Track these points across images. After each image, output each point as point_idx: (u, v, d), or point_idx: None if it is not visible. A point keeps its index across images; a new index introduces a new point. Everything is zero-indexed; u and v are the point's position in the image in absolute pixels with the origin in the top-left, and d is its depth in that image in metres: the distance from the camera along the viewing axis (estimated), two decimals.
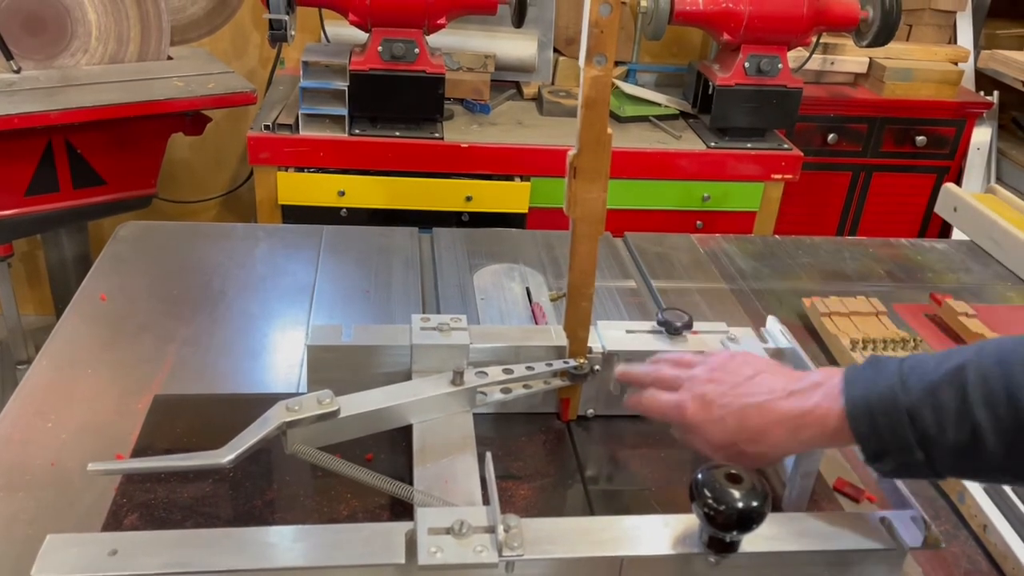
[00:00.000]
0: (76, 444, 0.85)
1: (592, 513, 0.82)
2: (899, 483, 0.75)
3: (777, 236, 1.42)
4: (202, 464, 0.71)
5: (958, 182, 2.53)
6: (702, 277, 1.28)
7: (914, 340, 1.06)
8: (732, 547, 0.67)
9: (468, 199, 2.04)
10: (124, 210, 2.13)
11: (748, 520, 0.64)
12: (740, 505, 0.64)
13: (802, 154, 2.12)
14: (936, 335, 1.15)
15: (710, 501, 0.64)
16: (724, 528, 0.65)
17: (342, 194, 2.01)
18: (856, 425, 0.66)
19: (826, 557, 0.70)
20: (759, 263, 1.33)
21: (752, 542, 0.68)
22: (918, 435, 0.63)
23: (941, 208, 1.51)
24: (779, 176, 2.14)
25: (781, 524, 0.70)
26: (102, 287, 1.11)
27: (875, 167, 2.49)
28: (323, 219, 1.79)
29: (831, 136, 2.42)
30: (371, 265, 1.23)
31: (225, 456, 0.71)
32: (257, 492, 0.81)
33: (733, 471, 0.66)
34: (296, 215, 2.02)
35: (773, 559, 0.70)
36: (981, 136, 2.51)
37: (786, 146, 2.14)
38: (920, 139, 2.46)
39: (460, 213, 2.05)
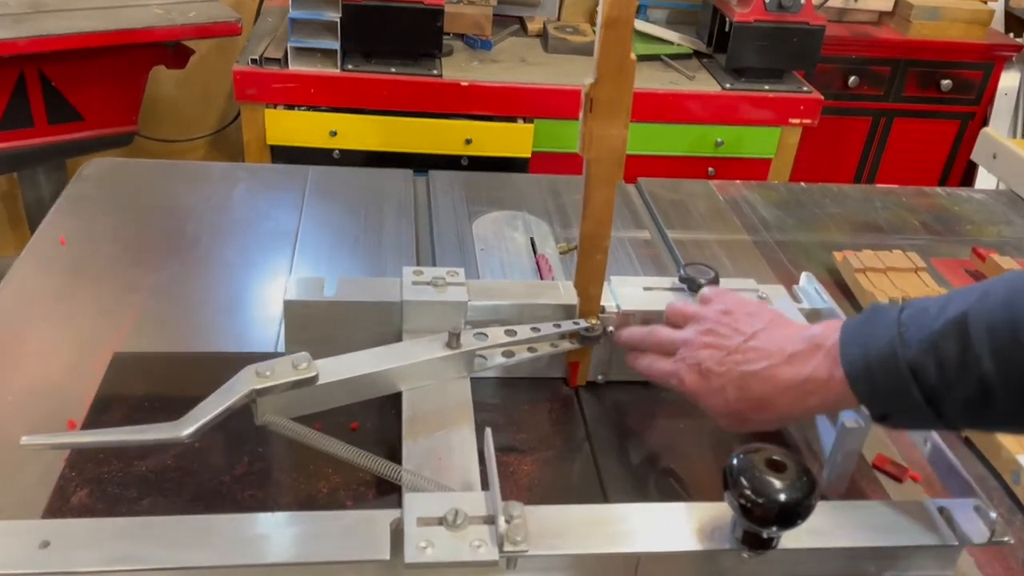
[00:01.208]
0: (22, 408, 0.75)
1: (603, 492, 0.72)
2: (958, 464, 0.65)
3: (802, 183, 1.31)
4: (156, 439, 0.61)
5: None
6: (722, 227, 1.17)
7: None
8: (769, 543, 0.58)
9: (468, 142, 1.92)
10: (104, 148, 2.02)
11: (792, 516, 0.55)
12: (783, 498, 0.54)
13: (822, 97, 1.99)
14: None
15: (748, 492, 0.55)
16: (763, 523, 0.56)
17: (334, 134, 1.89)
18: (857, 387, 0.61)
19: (875, 553, 0.61)
20: (783, 212, 1.22)
21: (791, 537, 0.58)
22: (923, 391, 0.57)
23: (979, 155, 1.40)
24: (797, 121, 2.02)
25: (824, 514, 0.61)
26: (61, 230, 1.01)
27: (897, 112, 2.37)
28: (314, 161, 1.69)
29: (852, 79, 2.29)
30: (361, 210, 1.13)
31: (183, 429, 0.62)
32: (226, 466, 0.71)
33: (775, 457, 0.56)
34: (286, 157, 1.91)
35: (813, 556, 0.61)
36: (1009, 81, 2.38)
37: (806, 89, 2.01)
38: (945, 83, 2.33)
39: (459, 157, 1.94)
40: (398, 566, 0.55)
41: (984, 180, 2.32)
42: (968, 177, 2.48)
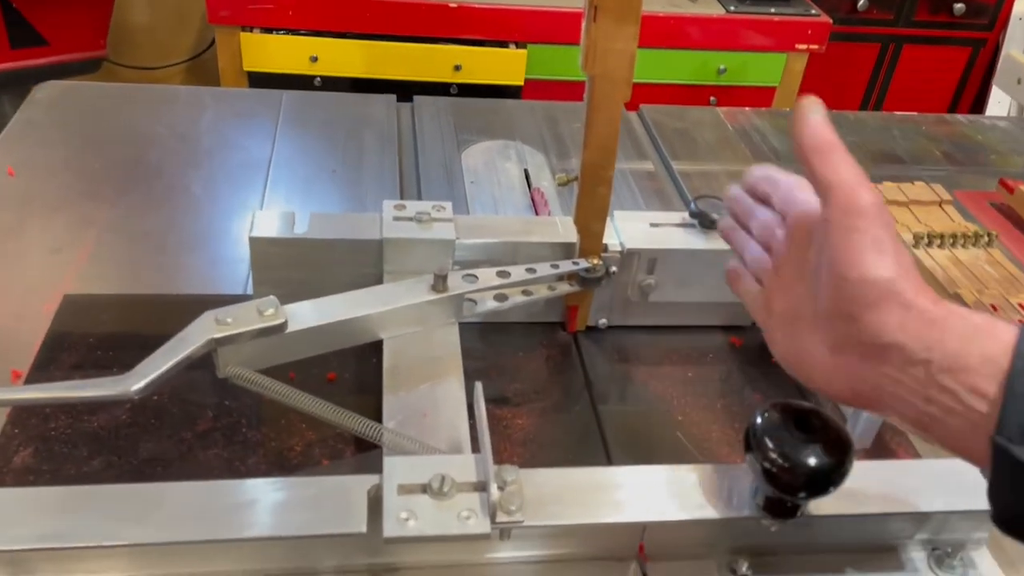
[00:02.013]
0: None
1: (606, 449, 0.66)
2: None
3: None
4: (100, 395, 0.54)
5: (995, 56, 2.31)
6: (730, 158, 1.09)
7: (988, 236, 0.89)
8: (795, 511, 0.51)
9: (456, 68, 1.82)
10: (72, 74, 1.91)
11: (824, 483, 0.48)
12: (814, 463, 0.48)
13: (830, 21, 1.89)
14: (1006, 228, 0.97)
15: (774, 456, 0.48)
16: (790, 490, 0.49)
17: (314, 60, 1.78)
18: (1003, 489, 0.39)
19: (907, 518, 0.55)
20: None
21: (818, 503, 0.52)
22: None
23: (1001, 80, 1.31)
24: (803, 46, 1.92)
25: (853, 476, 0.54)
26: (8, 159, 0.92)
27: (907, 38, 2.26)
28: (294, 88, 1.59)
29: (861, 3, 2.17)
30: (339, 139, 1.04)
31: (132, 384, 0.54)
32: (188, 420, 0.64)
33: (804, 415, 0.49)
34: (264, 84, 1.80)
35: (841, 523, 0.54)
36: None
37: (813, 12, 1.91)
38: (958, 7, 2.22)
39: (448, 84, 1.84)
40: (377, 540, 0.48)
41: (994, 110, 2.23)
42: (978, 106, 2.39)
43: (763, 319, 0.52)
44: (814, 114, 0.46)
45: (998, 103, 2.23)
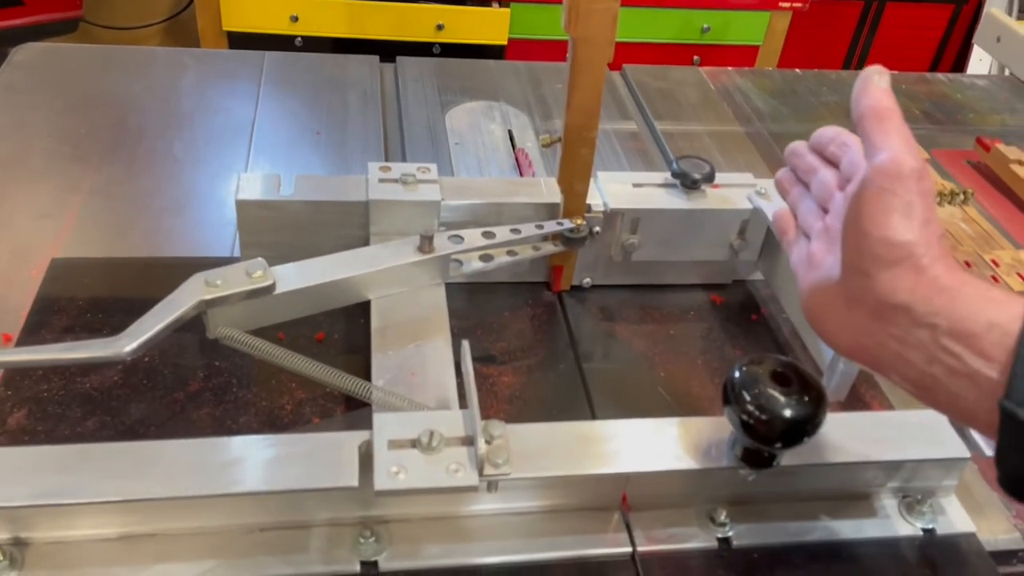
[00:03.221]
0: None
1: (590, 405, 0.68)
2: None
3: (797, 71, 1.23)
4: (94, 356, 0.55)
5: (977, 14, 2.31)
6: (713, 118, 1.09)
7: (963, 193, 0.91)
8: (771, 461, 0.53)
9: (439, 28, 1.81)
10: (49, 35, 1.88)
11: (799, 432, 0.50)
12: (789, 414, 0.49)
13: None
14: (982, 186, 0.99)
15: (751, 408, 0.50)
16: (767, 441, 0.51)
17: (295, 19, 1.76)
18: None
19: (879, 466, 0.57)
20: (778, 101, 1.14)
21: (794, 453, 0.54)
22: None
23: (981, 38, 1.32)
24: (787, 4, 1.92)
25: (828, 428, 0.56)
26: None
27: None
28: (275, 49, 1.57)
29: None
30: (322, 101, 1.04)
31: (125, 345, 0.55)
32: (179, 381, 0.65)
33: (780, 369, 0.51)
34: (244, 44, 1.79)
35: (816, 472, 0.56)
36: None
37: None
38: None
39: (430, 44, 1.83)
40: (368, 493, 0.50)
41: (975, 68, 2.24)
42: (959, 64, 2.40)
43: (803, 272, 0.53)
44: (879, 81, 0.48)
45: (979, 60, 2.23)
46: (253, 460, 0.51)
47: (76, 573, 0.50)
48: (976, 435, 0.57)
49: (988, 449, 0.57)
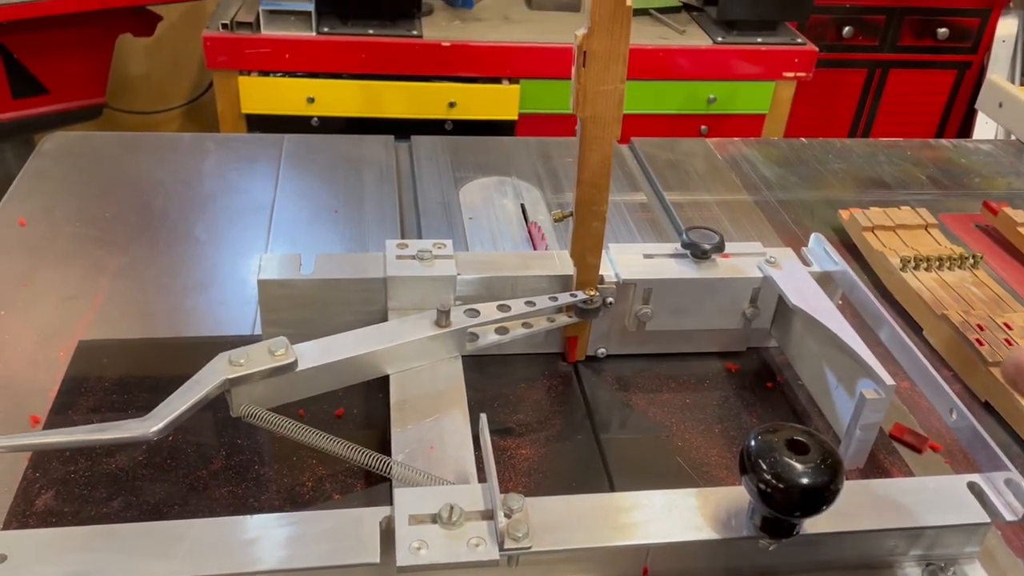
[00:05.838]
0: None
1: (608, 476, 0.68)
2: (985, 434, 0.61)
3: (803, 139, 1.25)
4: (122, 437, 0.56)
5: (980, 79, 2.35)
6: (721, 188, 1.11)
7: (973, 257, 0.92)
8: (791, 530, 0.53)
9: (451, 105, 1.86)
10: (73, 122, 1.95)
11: (817, 501, 0.50)
12: (806, 482, 0.50)
13: (816, 49, 1.93)
14: (991, 249, 1.00)
15: (768, 476, 0.50)
16: (785, 510, 0.51)
17: (311, 101, 1.82)
18: None
19: (901, 534, 0.57)
20: (785, 170, 1.16)
21: (813, 522, 0.54)
22: None
23: (983, 104, 1.34)
24: (791, 74, 1.96)
25: (847, 495, 0.56)
26: (21, 210, 0.94)
27: (892, 63, 2.31)
28: (292, 130, 1.61)
29: (846, 30, 2.23)
30: (340, 180, 1.07)
31: (151, 426, 0.56)
32: (201, 460, 0.66)
33: (797, 437, 0.51)
34: (262, 126, 1.84)
35: (837, 540, 0.56)
36: (1007, 28, 2.32)
37: (799, 40, 1.95)
38: (942, 31, 2.27)
39: (443, 121, 1.88)
40: (390, 570, 0.50)
41: (982, 130, 2.27)
42: (965, 128, 2.43)
43: None
44: None
45: (985, 123, 2.27)
46: (275, 538, 0.51)
47: None
48: (996, 500, 0.57)
49: (1008, 514, 0.57)
